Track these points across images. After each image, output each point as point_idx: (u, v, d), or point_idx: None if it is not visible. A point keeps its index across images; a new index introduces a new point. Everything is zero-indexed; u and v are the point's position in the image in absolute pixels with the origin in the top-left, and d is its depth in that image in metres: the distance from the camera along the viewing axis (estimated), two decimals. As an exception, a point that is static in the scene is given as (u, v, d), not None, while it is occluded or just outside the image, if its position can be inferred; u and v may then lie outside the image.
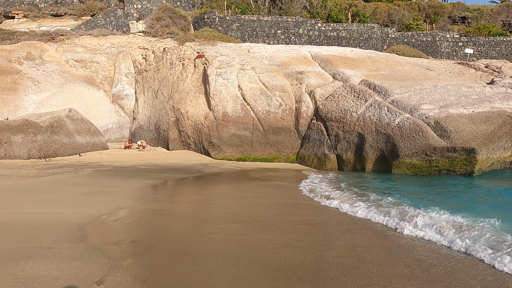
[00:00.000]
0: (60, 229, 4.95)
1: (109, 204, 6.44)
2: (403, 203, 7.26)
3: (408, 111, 12.86)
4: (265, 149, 16.06)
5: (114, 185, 8.22)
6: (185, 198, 7.70)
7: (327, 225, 5.77)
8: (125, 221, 5.67)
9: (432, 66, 19.26)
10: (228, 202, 7.35)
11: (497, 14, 33.86)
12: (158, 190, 8.16)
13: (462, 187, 10.18)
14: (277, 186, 9.80)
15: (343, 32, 27.15)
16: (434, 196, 8.52)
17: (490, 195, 9.37)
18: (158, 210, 6.44)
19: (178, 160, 14.68)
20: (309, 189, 9.28)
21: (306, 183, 10.25)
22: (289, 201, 7.65)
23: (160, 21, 26.54)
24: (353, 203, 7.20)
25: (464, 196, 9.08)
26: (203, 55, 18.39)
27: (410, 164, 11.88)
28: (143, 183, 8.67)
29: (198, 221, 5.80)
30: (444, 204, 7.00)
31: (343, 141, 14.05)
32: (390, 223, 5.91)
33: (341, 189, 9.29)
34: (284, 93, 16.57)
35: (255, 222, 5.77)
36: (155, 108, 19.59)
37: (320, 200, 7.86)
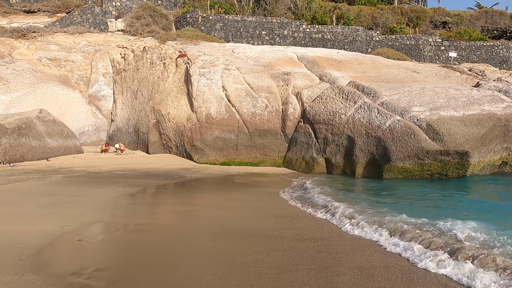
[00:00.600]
0: (6, 254, 3.95)
1: (75, 218, 5.50)
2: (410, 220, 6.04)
3: (398, 113, 12.49)
4: (250, 152, 15.38)
5: (84, 194, 7.30)
6: (166, 209, 6.84)
7: (327, 242, 5.08)
8: (91, 240, 4.76)
9: (418, 69, 19.15)
10: (214, 213, 6.58)
11: (476, 20, 34.58)
12: (135, 199, 7.28)
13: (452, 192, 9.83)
14: (265, 193, 9.13)
15: (328, 34, 26.90)
16: (448, 210, 7.53)
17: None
18: (134, 225, 5.51)
19: (159, 164, 13.80)
20: (298, 197, 8.65)
21: (294, 191, 9.62)
22: (280, 211, 6.98)
23: (140, 20, 25.52)
24: (350, 217, 6.38)
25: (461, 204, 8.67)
26: (186, 54, 17.59)
27: (402, 168, 11.47)
28: (118, 191, 7.78)
29: (182, 238, 4.99)
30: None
31: (332, 144, 13.55)
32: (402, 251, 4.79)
33: (334, 198, 8.62)
34: (270, 94, 15.97)
35: (246, 238, 5.06)
36: (134, 110, 18.60)
37: (312, 211, 7.19)
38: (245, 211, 6.91)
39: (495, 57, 28.80)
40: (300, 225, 5.94)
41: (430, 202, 8.43)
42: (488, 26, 34.81)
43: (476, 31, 31.91)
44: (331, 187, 10.55)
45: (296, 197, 8.63)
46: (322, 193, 8.86)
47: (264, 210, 7.11)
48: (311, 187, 9.79)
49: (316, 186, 10.10)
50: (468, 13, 35.13)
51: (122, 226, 5.23)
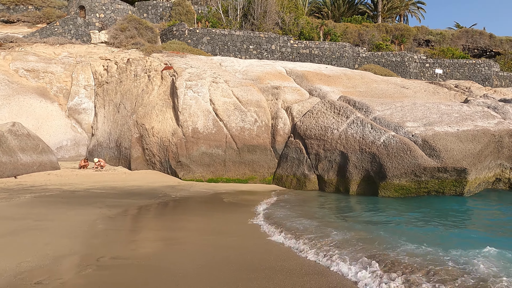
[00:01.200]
0: None
1: (39, 250, 4.56)
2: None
3: (392, 128, 12.14)
4: (239, 169, 14.70)
5: (55, 217, 6.40)
6: (149, 235, 5.88)
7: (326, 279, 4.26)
8: (53, 282, 3.73)
9: (407, 85, 19.11)
10: (205, 240, 5.64)
11: (457, 39, 35.50)
12: (114, 223, 6.40)
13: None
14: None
15: (316, 49, 26.89)
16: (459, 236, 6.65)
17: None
18: (111, 258, 4.61)
19: (141, 181, 12.93)
20: (288, 229, 7.41)
21: (283, 219, 7.84)
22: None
23: (124, 32, 24.87)
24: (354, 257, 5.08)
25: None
26: (172, 66, 16.97)
27: (398, 186, 11.00)
28: (95, 213, 6.92)
29: (169, 276, 4.12)
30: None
31: (324, 161, 13.04)
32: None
33: (322, 221, 7.76)
34: (259, 108, 15.45)
35: (246, 271, 4.30)
36: (116, 124, 17.72)
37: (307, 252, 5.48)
38: (240, 237, 6.16)
39: (478, 75, 29.40)
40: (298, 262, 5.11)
41: (433, 222, 7.89)
42: (469, 45, 35.78)
43: (458, 50, 32.68)
44: (321, 207, 10.00)
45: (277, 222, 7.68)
46: (304, 216, 8.00)
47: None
48: (305, 213, 8.86)
49: (311, 206, 9.47)
50: (449, 32, 36.06)
51: (95, 261, 4.34)
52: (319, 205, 10.47)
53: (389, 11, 42.89)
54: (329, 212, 9.12)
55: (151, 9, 29.84)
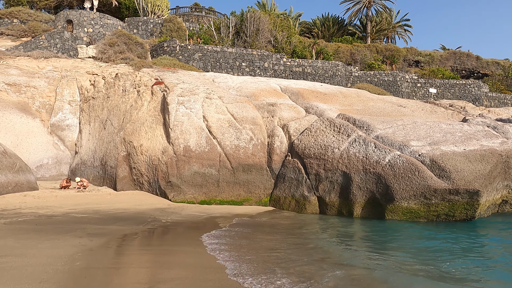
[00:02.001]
0: None
1: None
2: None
3: (396, 147, 11.55)
4: (233, 189, 13.80)
5: (23, 251, 5.31)
6: (137, 278, 4.75)
7: None
8: None
9: (404, 103, 18.80)
10: (204, 283, 4.76)
11: (446, 60, 36.11)
12: (94, 259, 5.29)
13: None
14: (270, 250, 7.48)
15: (309, 68, 26.68)
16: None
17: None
18: None
19: (128, 204, 11.87)
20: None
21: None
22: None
23: (113, 47, 24.15)
24: None
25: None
26: (163, 81, 16.22)
27: (406, 209, 10.29)
28: (73, 244, 5.88)
29: None
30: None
31: (325, 181, 12.29)
32: None
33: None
34: (255, 126, 14.73)
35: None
36: (102, 141, 16.69)
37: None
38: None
39: (468, 95, 29.63)
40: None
41: (451, 257, 6.85)
42: (457, 66, 36.40)
43: (447, 70, 33.11)
44: (322, 232, 9.03)
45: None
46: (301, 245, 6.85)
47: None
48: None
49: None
50: (438, 53, 36.70)
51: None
52: (320, 230, 9.52)
53: (378, 33, 43.69)
54: (333, 241, 8.12)
55: (142, 25, 29.35)
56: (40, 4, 30.55)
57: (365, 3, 42.95)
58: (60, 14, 26.26)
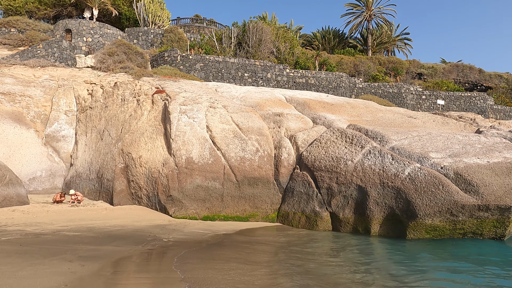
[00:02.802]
0: None
1: None
2: None
3: (415, 160, 10.77)
4: (238, 204, 12.91)
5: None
6: None
7: None
8: None
9: (414, 115, 18.14)
10: None
11: (448, 73, 35.78)
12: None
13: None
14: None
15: (312, 79, 26.13)
16: None
17: None
18: None
19: (125, 220, 10.95)
20: None
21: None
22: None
23: (113, 56, 23.53)
24: None
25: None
26: (164, 90, 15.50)
27: (430, 226, 9.43)
28: (60, 272, 4.94)
29: None
30: None
31: (338, 196, 11.44)
32: None
33: None
34: (261, 136, 13.95)
35: None
36: (98, 152, 15.83)
37: None
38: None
39: (474, 108, 29.12)
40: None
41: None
42: (459, 79, 36.05)
43: (452, 83, 32.71)
44: (334, 255, 7.96)
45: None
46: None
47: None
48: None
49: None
50: (441, 66, 36.39)
51: None
52: (333, 253, 8.45)
53: (378, 46, 43.55)
54: (344, 266, 7.04)
55: (142, 35, 28.87)
56: (39, 13, 30.11)
57: (366, 16, 42.93)
58: (59, 23, 25.74)
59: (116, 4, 30.83)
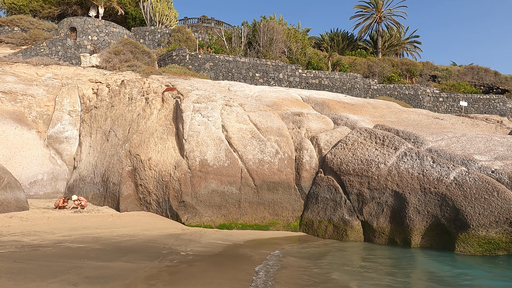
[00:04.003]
0: None
1: None
2: None
3: (459, 163, 9.62)
4: (257, 211, 11.77)
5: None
6: None
7: None
8: None
9: (440, 116, 17.02)
10: None
11: (463, 75, 34.65)
12: None
13: None
14: None
15: (325, 80, 25.08)
16: None
17: None
18: None
19: (134, 228, 9.84)
20: None
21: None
22: None
23: (119, 55, 22.59)
24: None
25: None
26: (175, 87, 14.45)
27: (484, 239, 8.26)
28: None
29: None
30: None
31: (371, 203, 10.28)
32: None
33: None
34: (281, 137, 12.85)
35: None
36: (104, 154, 14.77)
37: None
38: None
39: (493, 110, 27.95)
40: None
41: None
42: (475, 82, 34.91)
43: (469, 85, 31.59)
44: (390, 273, 6.87)
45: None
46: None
47: None
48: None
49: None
50: (455, 68, 35.28)
51: None
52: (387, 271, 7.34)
53: (388, 48, 42.54)
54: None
55: (149, 35, 27.98)
56: (43, 12, 29.31)
57: (375, 18, 41.97)
58: (64, 22, 24.87)
59: (123, 3, 30.01)
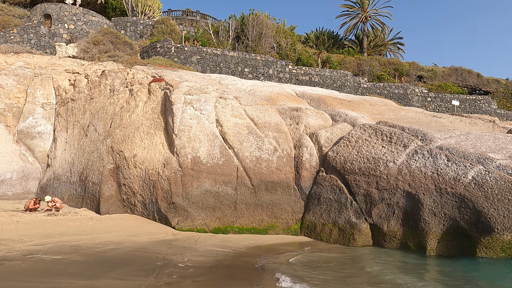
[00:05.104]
0: None
1: None
2: None
3: (474, 161, 9.01)
4: (254, 213, 10.79)
5: None
6: None
7: None
8: None
9: (437, 115, 16.61)
10: None
11: (448, 76, 34.97)
12: None
13: None
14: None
15: (316, 77, 24.40)
16: None
17: None
18: None
19: (119, 234, 8.65)
20: None
21: None
22: None
23: (98, 46, 21.01)
24: None
25: None
26: (163, 79, 13.25)
27: (509, 244, 7.63)
28: None
29: None
30: None
31: (380, 204, 9.52)
32: None
33: None
34: (279, 133, 11.92)
35: None
36: (82, 151, 13.38)
37: None
38: None
39: (479, 111, 28.17)
40: None
41: None
42: (458, 83, 35.30)
43: (455, 85, 31.83)
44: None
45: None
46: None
47: None
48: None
49: None
50: (440, 69, 35.57)
51: None
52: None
53: (374, 48, 42.55)
54: None
55: (130, 25, 26.41)
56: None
57: (361, 18, 41.86)
58: (37, 8, 22.98)
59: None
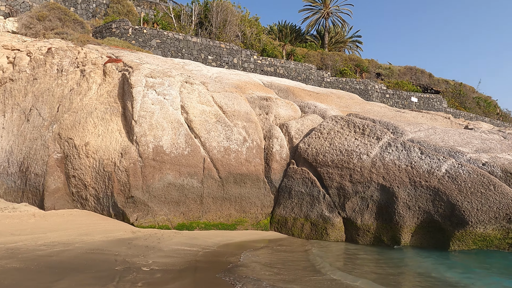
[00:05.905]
0: None
1: None
2: None
3: (445, 154, 9.03)
4: (222, 208, 10.06)
5: None
6: None
7: None
8: None
9: (401, 110, 16.91)
10: None
11: (403, 75, 36.46)
12: None
13: None
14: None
15: (281, 68, 24.00)
16: None
17: None
18: None
19: (67, 232, 7.49)
20: None
21: None
22: None
23: (43, 21, 18.78)
24: None
25: None
26: (121, 59, 11.93)
27: (481, 236, 7.68)
28: None
29: None
30: None
31: (354, 198, 9.25)
32: None
33: None
34: (249, 123, 11.24)
35: None
36: (23, 138, 11.70)
37: None
38: None
39: (431, 109, 29.62)
40: None
41: None
42: (412, 81, 36.97)
43: (410, 84, 33.22)
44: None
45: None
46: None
47: None
48: None
49: None
50: (396, 68, 36.95)
51: None
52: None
53: (334, 45, 43.29)
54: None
55: (82, 3, 24.05)
56: None
57: (323, 14, 42.32)
58: (-32, -26, 19.99)
59: (49, -38, 25.39)
